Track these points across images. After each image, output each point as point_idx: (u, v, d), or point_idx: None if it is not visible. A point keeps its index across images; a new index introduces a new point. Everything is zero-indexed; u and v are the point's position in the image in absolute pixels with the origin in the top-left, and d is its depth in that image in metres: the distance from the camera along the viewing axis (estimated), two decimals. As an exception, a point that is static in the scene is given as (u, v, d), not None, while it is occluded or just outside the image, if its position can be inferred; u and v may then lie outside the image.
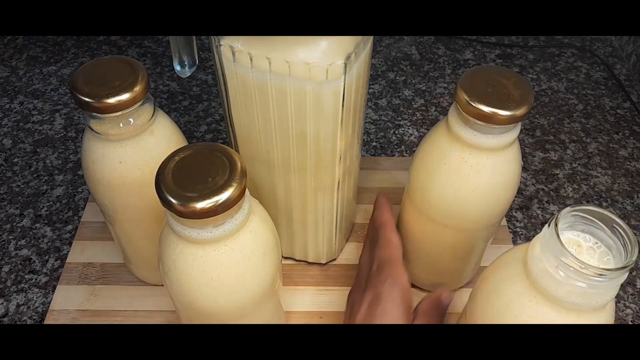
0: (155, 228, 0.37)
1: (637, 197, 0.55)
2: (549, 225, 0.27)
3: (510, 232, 0.51)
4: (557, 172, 0.57)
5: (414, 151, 0.44)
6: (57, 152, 0.58)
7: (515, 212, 0.53)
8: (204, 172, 0.29)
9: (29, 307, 0.45)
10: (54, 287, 0.46)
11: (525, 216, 0.53)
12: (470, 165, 0.35)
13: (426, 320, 0.35)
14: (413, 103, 0.65)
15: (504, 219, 0.52)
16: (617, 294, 0.47)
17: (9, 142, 0.59)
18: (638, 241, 0.27)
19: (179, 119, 0.61)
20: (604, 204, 0.54)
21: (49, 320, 0.44)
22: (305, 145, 0.36)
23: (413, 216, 0.41)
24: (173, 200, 0.28)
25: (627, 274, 0.26)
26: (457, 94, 0.34)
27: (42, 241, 0.50)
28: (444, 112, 0.63)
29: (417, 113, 0.63)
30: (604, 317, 0.28)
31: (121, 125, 0.35)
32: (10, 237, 0.50)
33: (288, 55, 0.31)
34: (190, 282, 0.31)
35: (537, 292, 0.28)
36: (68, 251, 0.49)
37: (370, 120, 0.62)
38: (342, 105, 0.34)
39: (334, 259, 0.48)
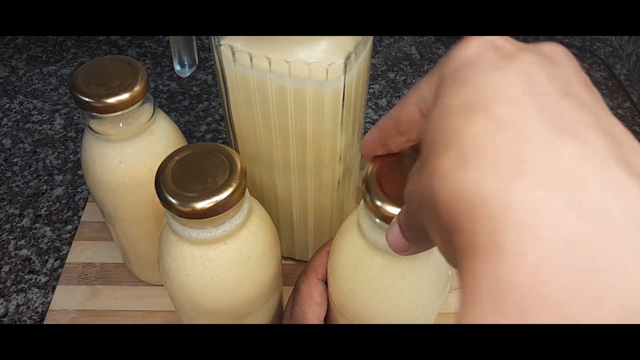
0: (155, 228, 0.37)
1: (637, 197, 0.55)
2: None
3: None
4: (557, 172, 0.57)
5: (414, 151, 0.44)
6: (57, 152, 0.58)
7: (516, 212, 0.53)
8: (203, 172, 0.29)
9: (29, 307, 0.45)
10: (54, 287, 0.46)
11: (526, 216, 0.53)
12: None
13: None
14: (413, 103, 0.64)
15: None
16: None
17: (9, 142, 0.59)
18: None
19: (178, 119, 0.61)
20: (604, 204, 0.54)
21: (49, 320, 0.44)
22: (305, 145, 0.36)
23: None
24: (173, 200, 0.28)
25: None
26: None
27: (42, 241, 0.50)
28: (444, 112, 0.63)
29: (417, 113, 0.63)
30: (433, 260, 0.30)
31: (121, 125, 0.35)
32: (10, 237, 0.50)
33: (288, 55, 0.31)
34: (190, 282, 0.31)
35: (368, 245, 0.30)
36: (68, 251, 0.48)
37: (370, 120, 0.62)
38: (342, 105, 0.34)
39: (334, 259, 0.48)
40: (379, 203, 0.27)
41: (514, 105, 0.15)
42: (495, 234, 0.13)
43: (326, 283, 0.34)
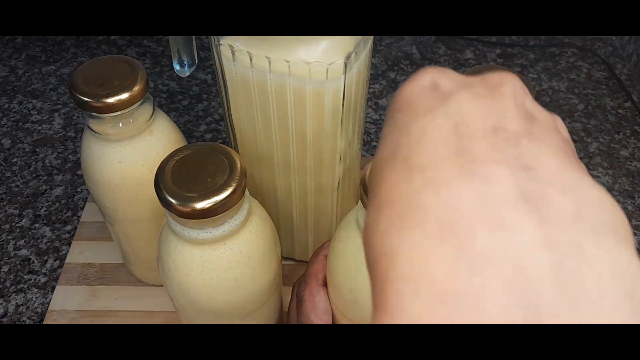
0: (155, 228, 0.37)
1: (638, 197, 0.55)
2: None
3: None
4: (558, 172, 0.57)
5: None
6: (57, 152, 0.57)
7: (516, 212, 0.53)
8: (203, 172, 0.29)
9: (28, 308, 0.45)
10: (53, 288, 0.46)
11: (526, 216, 0.53)
12: None
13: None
14: (413, 103, 0.64)
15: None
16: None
17: (8, 142, 0.58)
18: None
19: (178, 119, 0.61)
20: (605, 204, 0.54)
21: (49, 320, 0.44)
22: (305, 145, 0.36)
23: None
24: (172, 201, 0.28)
25: None
26: None
27: (41, 241, 0.50)
28: (445, 112, 0.63)
29: (417, 113, 0.63)
30: None
31: (120, 125, 0.34)
32: (10, 237, 0.50)
33: (288, 55, 0.31)
34: (190, 282, 0.31)
35: None
36: (67, 251, 0.48)
37: (370, 120, 0.62)
38: (343, 104, 0.34)
39: (334, 259, 0.48)
40: None
41: (431, 152, 0.15)
42: (382, 291, 0.14)
43: (326, 285, 0.34)
